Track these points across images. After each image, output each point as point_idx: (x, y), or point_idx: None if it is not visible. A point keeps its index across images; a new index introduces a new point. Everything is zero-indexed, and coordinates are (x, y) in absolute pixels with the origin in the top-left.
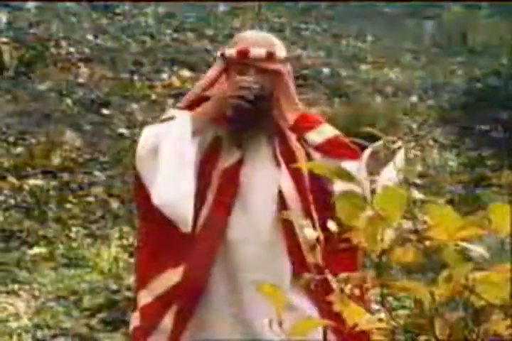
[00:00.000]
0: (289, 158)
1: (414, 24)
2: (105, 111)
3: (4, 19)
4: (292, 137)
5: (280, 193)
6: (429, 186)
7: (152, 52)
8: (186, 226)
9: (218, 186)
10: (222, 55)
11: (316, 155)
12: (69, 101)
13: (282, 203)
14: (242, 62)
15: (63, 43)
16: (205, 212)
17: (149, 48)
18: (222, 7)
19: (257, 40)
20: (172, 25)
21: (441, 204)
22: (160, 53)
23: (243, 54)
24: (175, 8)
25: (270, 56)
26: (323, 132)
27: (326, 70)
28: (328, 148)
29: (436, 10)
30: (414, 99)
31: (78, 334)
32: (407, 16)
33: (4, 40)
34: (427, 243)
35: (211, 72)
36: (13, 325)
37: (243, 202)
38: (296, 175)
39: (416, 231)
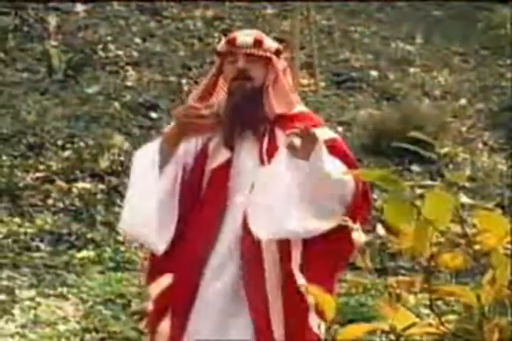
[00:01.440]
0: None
1: (462, 26)
2: (153, 115)
3: (53, 22)
4: (282, 138)
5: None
6: (478, 190)
7: (200, 55)
8: (156, 250)
9: (206, 188)
10: (215, 51)
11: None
12: (117, 104)
13: None
14: (231, 51)
15: (111, 47)
16: (195, 215)
17: (197, 51)
18: (270, 9)
19: (246, 31)
20: (220, 28)
21: (490, 208)
22: (208, 56)
23: (231, 42)
24: (223, 11)
25: (258, 43)
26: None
27: (374, 73)
28: None
29: (485, 12)
30: (463, 102)
31: (126, 337)
32: (456, 19)
33: (53, 43)
34: (476, 247)
35: (207, 77)
36: (62, 328)
37: (231, 203)
38: None
39: (465, 235)
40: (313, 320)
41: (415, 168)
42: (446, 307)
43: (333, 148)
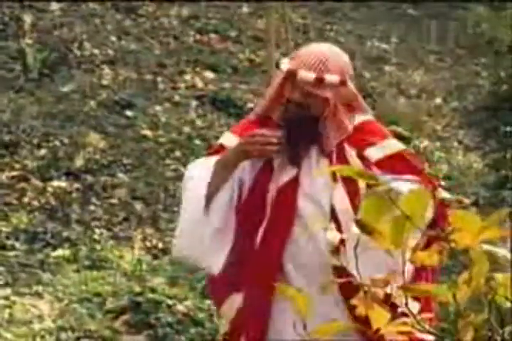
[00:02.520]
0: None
1: (438, 25)
2: (129, 113)
3: (28, 20)
4: (351, 152)
5: (333, 210)
6: (453, 188)
7: (175, 53)
8: (213, 273)
9: (272, 207)
10: (277, 67)
11: (376, 172)
12: (92, 103)
13: (335, 220)
14: (292, 80)
15: (87, 45)
16: (260, 236)
17: (173, 50)
18: (246, 8)
19: (310, 61)
20: (195, 26)
21: (466, 207)
22: (183, 55)
23: (291, 75)
24: (198, 10)
25: (319, 81)
26: (385, 148)
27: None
28: (388, 164)
29: (460, 11)
30: (438, 100)
31: (102, 336)
32: (432, 18)
33: (28, 41)
34: (452, 245)
35: (271, 88)
36: (37, 326)
37: (301, 221)
38: (352, 192)
39: (442, 231)
40: None
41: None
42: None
43: (398, 162)
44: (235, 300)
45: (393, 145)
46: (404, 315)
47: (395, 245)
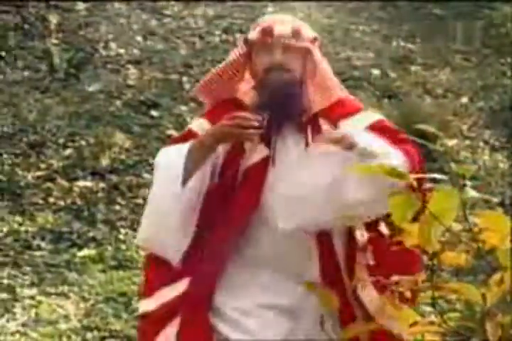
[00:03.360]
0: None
1: (464, 25)
2: (154, 113)
3: (54, 20)
4: (326, 126)
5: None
6: (479, 188)
7: (201, 53)
8: (174, 262)
9: (240, 186)
10: (246, 40)
11: None
12: (118, 102)
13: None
14: (267, 41)
15: (113, 45)
16: (223, 214)
17: (198, 50)
18: (271, 8)
19: (281, 19)
20: (221, 26)
21: (492, 207)
22: (209, 55)
23: (267, 32)
24: (224, 10)
25: (296, 33)
26: (362, 120)
27: (375, 71)
28: None
29: (486, 11)
30: (464, 100)
31: (127, 335)
32: (458, 17)
33: (54, 41)
34: (479, 245)
35: (230, 58)
36: (63, 326)
37: (266, 205)
38: None
39: (469, 231)
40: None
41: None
42: (447, 305)
43: (381, 129)
44: (183, 284)
45: (370, 116)
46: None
47: (424, 244)
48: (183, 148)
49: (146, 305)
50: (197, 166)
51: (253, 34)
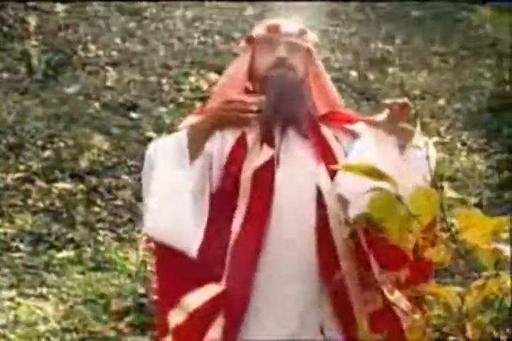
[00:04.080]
0: (327, 155)
1: (442, 27)
2: (133, 115)
3: (33, 22)
4: (328, 132)
5: (319, 193)
6: (457, 189)
7: (180, 55)
8: (191, 254)
9: (251, 190)
10: (249, 38)
11: None
12: (97, 104)
13: (320, 203)
14: (272, 37)
15: (91, 47)
16: (239, 220)
17: (177, 51)
18: (250, 10)
19: (287, 20)
20: (200, 28)
21: (470, 208)
22: (188, 56)
23: (274, 29)
24: (203, 12)
25: (302, 33)
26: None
27: (353, 73)
28: None
29: (464, 13)
30: (441, 102)
31: (106, 337)
32: (436, 19)
33: (33, 43)
34: (458, 245)
35: (237, 63)
36: (42, 328)
37: (280, 206)
38: (332, 173)
39: (447, 231)
40: None
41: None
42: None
43: None
44: (210, 291)
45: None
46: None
47: (403, 242)
48: (181, 133)
49: (176, 317)
50: (196, 153)
51: (258, 31)
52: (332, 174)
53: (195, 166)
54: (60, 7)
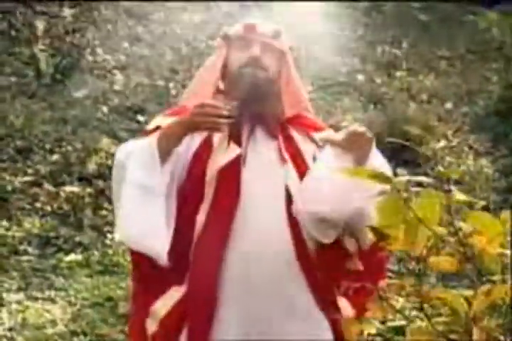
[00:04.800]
0: (294, 156)
1: (449, 31)
2: (141, 118)
3: (41, 26)
4: (296, 134)
5: (287, 193)
6: (464, 192)
7: (187, 59)
8: (162, 260)
9: (215, 188)
10: (225, 35)
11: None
12: (105, 108)
13: (289, 204)
14: (247, 37)
15: (99, 51)
16: (201, 220)
17: (184, 56)
18: (256, 13)
19: (263, 22)
20: (207, 32)
21: (480, 211)
22: (195, 60)
23: (250, 28)
24: (210, 16)
25: (277, 34)
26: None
27: (360, 77)
28: None
29: (471, 16)
30: (449, 105)
31: (114, 340)
32: (443, 23)
33: (41, 47)
34: (466, 249)
35: (211, 60)
36: (50, 331)
37: (247, 203)
38: (301, 173)
39: (455, 235)
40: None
41: (401, 171)
42: (432, 310)
43: None
44: (174, 295)
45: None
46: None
47: (410, 247)
48: (151, 138)
49: (150, 326)
50: (166, 156)
51: (234, 30)
52: (301, 175)
53: (165, 170)
54: (67, 11)
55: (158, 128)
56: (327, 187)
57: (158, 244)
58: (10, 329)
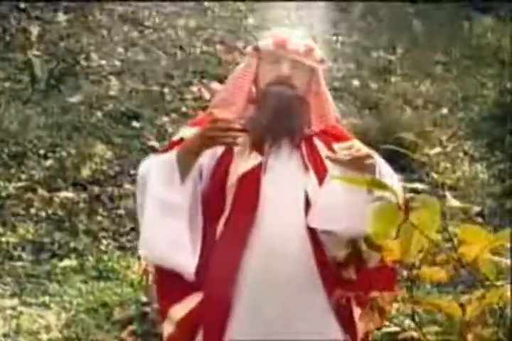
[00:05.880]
0: (317, 164)
1: (444, 36)
2: (136, 124)
3: (35, 32)
4: (320, 144)
5: (307, 201)
6: (459, 198)
7: (182, 64)
8: (189, 276)
9: (235, 195)
10: (257, 48)
11: None
12: (99, 113)
13: (308, 212)
14: (278, 54)
15: (94, 56)
16: (221, 226)
17: (180, 61)
18: (251, 19)
19: (296, 35)
20: (202, 37)
21: (472, 217)
22: (190, 66)
23: (281, 44)
24: (205, 21)
25: (309, 51)
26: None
27: (356, 82)
28: None
29: (466, 22)
30: (444, 111)
31: None
32: (438, 28)
33: (35, 53)
34: (460, 257)
35: (243, 72)
36: (44, 337)
37: (266, 210)
38: (322, 182)
39: (449, 241)
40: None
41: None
42: (427, 316)
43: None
44: (193, 300)
45: (358, 145)
46: None
47: (404, 255)
48: (171, 154)
49: (167, 328)
50: (186, 172)
51: (265, 44)
52: (320, 181)
53: (187, 185)
54: (62, 17)
55: (182, 139)
56: (340, 204)
57: (184, 261)
58: (4, 335)
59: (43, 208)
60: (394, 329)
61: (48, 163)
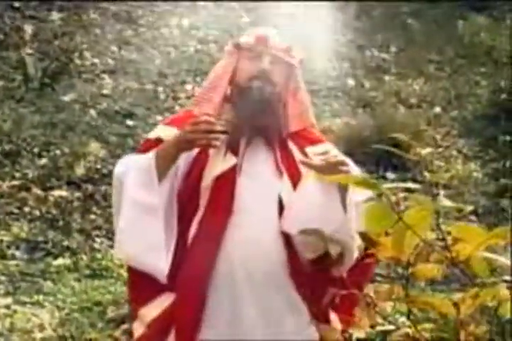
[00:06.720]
0: (291, 168)
1: (438, 35)
2: (129, 123)
3: (29, 30)
4: (294, 147)
5: (281, 205)
6: (453, 197)
7: (176, 63)
8: (161, 278)
9: (209, 197)
10: (237, 44)
11: None
12: (93, 112)
13: (281, 214)
14: (259, 49)
15: (87, 55)
16: (194, 228)
17: (173, 60)
18: (246, 19)
19: (278, 33)
20: (196, 36)
21: (466, 216)
22: (184, 65)
23: (262, 40)
24: (199, 20)
25: (289, 49)
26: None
27: (350, 81)
28: None
29: (460, 21)
30: (437, 110)
31: None
32: (431, 27)
33: (29, 51)
34: (453, 254)
35: (221, 68)
36: (38, 335)
37: (240, 212)
38: (295, 185)
39: (442, 240)
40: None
41: (390, 175)
42: (421, 314)
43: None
44: (165, 301)
45: (334, 149)
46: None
47: (398, 253)
48: (149, 155)
49: (137, 329)
50: (164, 173)
51: (246, 39)
52: (294, 183)
53: (163, 186)
54: (56, 15)
55: (158, 139)
56: (314, 208)
57: (159, 264)
58: None
59: (37, 207)
60: (389, 327)
61: (42, 161)
